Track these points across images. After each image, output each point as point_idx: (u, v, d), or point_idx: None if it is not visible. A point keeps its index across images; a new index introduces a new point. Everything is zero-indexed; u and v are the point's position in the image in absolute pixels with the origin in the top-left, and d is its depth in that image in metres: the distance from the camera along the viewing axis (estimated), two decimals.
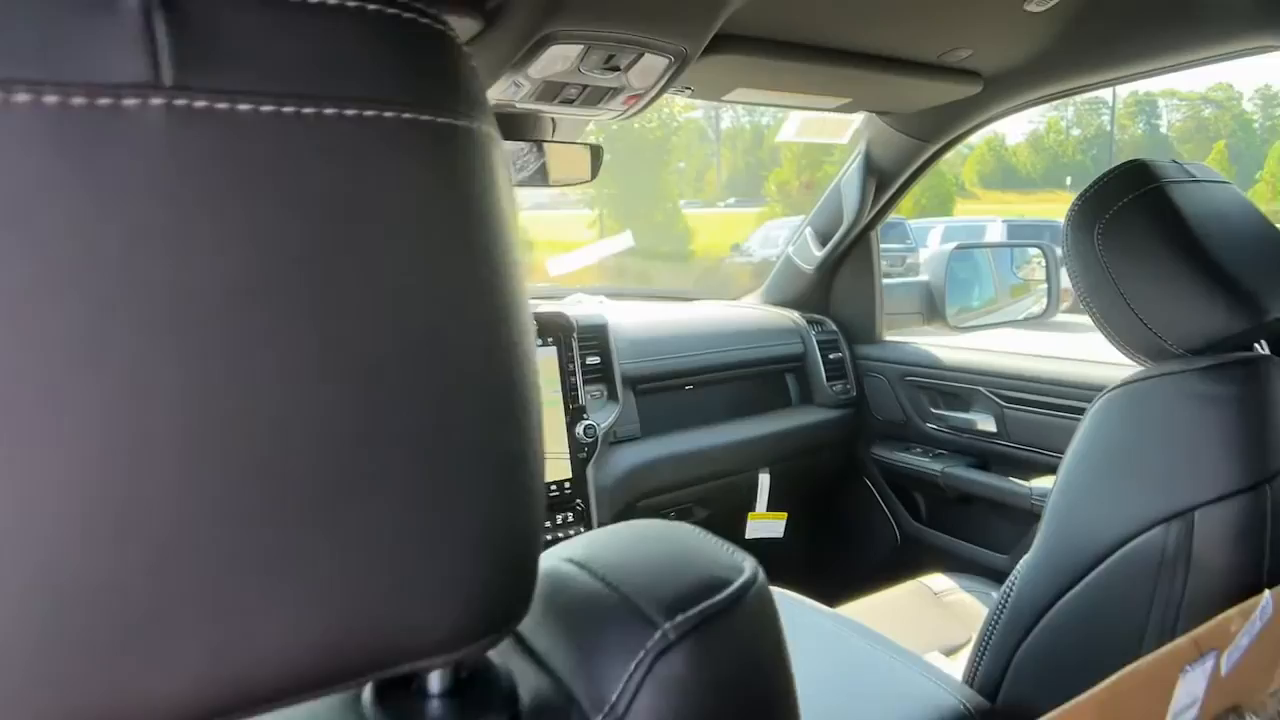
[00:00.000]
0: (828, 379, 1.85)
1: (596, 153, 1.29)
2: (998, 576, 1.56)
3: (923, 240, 12.86)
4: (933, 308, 1.92)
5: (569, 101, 1.10)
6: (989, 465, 1.68)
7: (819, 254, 1.85)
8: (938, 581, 1.54)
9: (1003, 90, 1.38)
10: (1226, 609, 0.69)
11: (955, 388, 1.71)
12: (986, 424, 1.65)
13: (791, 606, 1.02)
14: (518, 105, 1.10)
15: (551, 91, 1.07)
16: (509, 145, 1.23)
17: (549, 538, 1.38)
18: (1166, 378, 0.79)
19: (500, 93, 1.04)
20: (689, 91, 1.24)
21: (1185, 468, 0.75)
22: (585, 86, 1.06)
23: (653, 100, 1.13)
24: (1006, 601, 0.87)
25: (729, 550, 0.39)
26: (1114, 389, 0.82)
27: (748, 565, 0.38)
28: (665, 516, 1.65)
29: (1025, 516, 1.54)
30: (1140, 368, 0.84)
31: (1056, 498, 0.84)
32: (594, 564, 0.37)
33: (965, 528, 1.71)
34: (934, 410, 1.76)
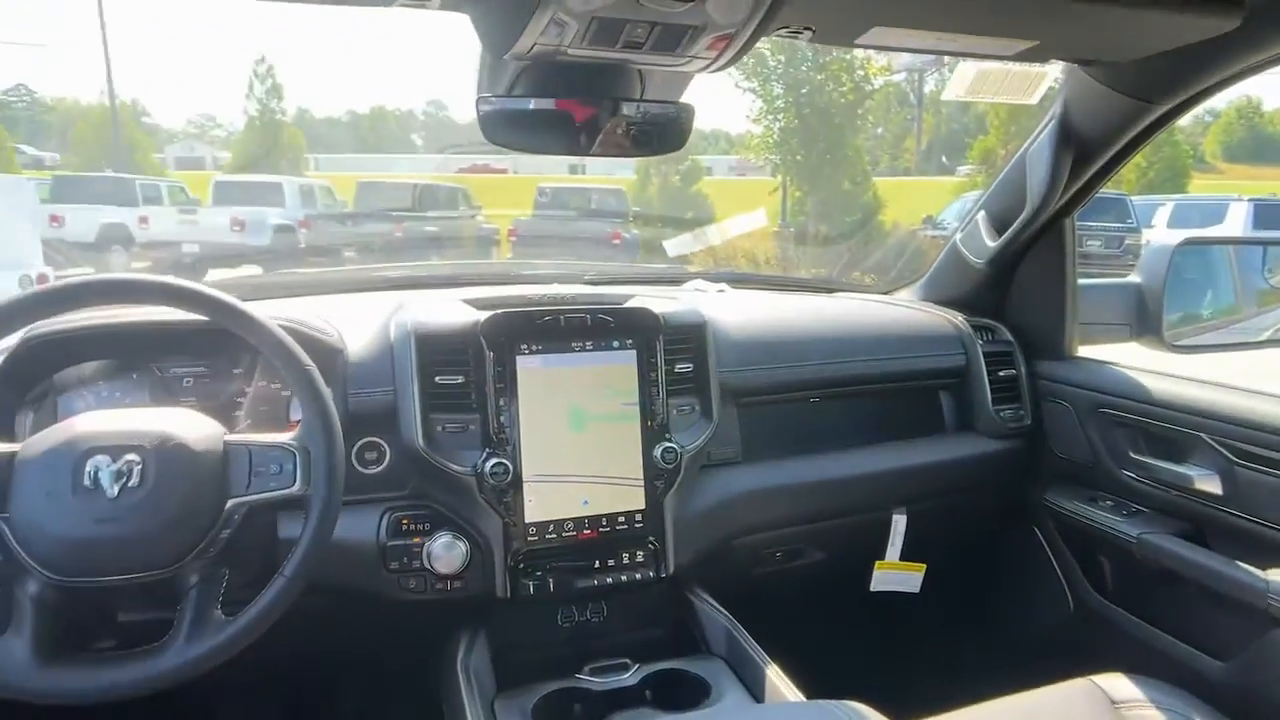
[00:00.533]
0: (994, 402, 1.48)
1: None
2: (1205, 691, 1.16)
3: (1147, 220, 11.35)
4: (1145, 318, 1.50)
5: (636, 46, 0.84)
6: (1206, 538, 1.27)
7: (993, 245, 1.48)
8: (1118, 685, 1.16)
9: (1272, 26, 0.97)
10: None
11: (1167, 429, 1.30)
12: (1208, 483, 1.24)
13: None
14: (571, 52, 0.86)
15: (609, 32, 0.81)
16: None
17: (611, 580, 1.15)
18: None
19: (540, 35, 0.81)
20: (809, 34, 0.94)
21: None
22: (653, 24, 0.80)
23: (750, 44, 0.84)
24: None
25: None
26: None
27: None
28: (769, 557, 1.38)
29: (1258, 618, 1.13)
30: None
31: None
32: None
33: (1167, 614, 1.31)
34: (1134, 455, 1.36)
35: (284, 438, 0.86)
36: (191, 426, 0.84)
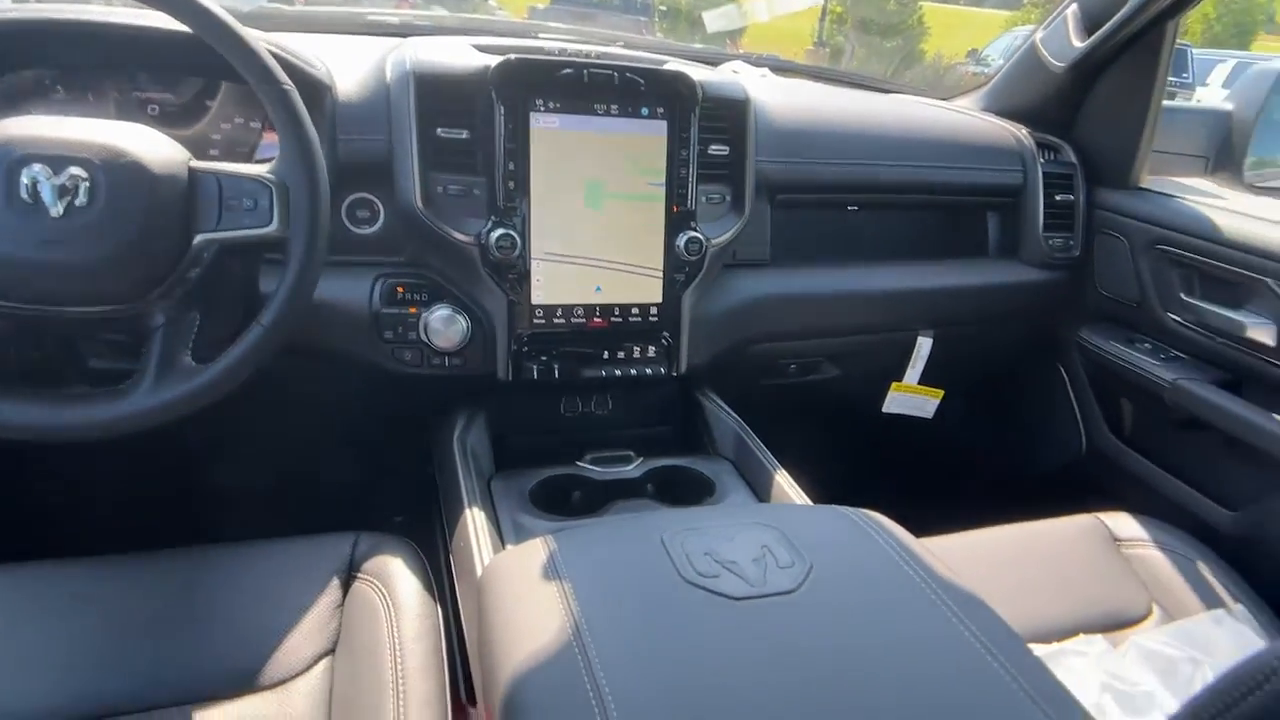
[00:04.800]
0: (1045, 228, 1.36)
1: None
2: (1210, 537, 1.14)
3: (1203, 78, 10.66)
4: (1226, 151, 1.36)
5: None
6: (1243, 389, 1.20)
7: (1079, 46, 1.30)
8: (1122, 524, 1.14)
9: None
10: None
11: (1227, 271, 1.19)
12: (1262, 332, 1.15)
13: (882, 554, 0.69)
14: None
15: None
16: None
17: (620, 372, 1.08)
18: None
19: None
20: None
21: None
22: None
23: None
24: (1264, 683, 0.49)
25: None
26: None
27: None
28: (784, 368, 1.31)
29: (1278, 472, 1.09)
30: None
31: None
32: None
33: (1182, 462, 1.27)
34: (1185, 298, 1.26)
35: (259, 169, 0.75)
36: (149, 145, 0.71)
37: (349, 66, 1.02)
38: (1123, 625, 0.99)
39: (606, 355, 1.07)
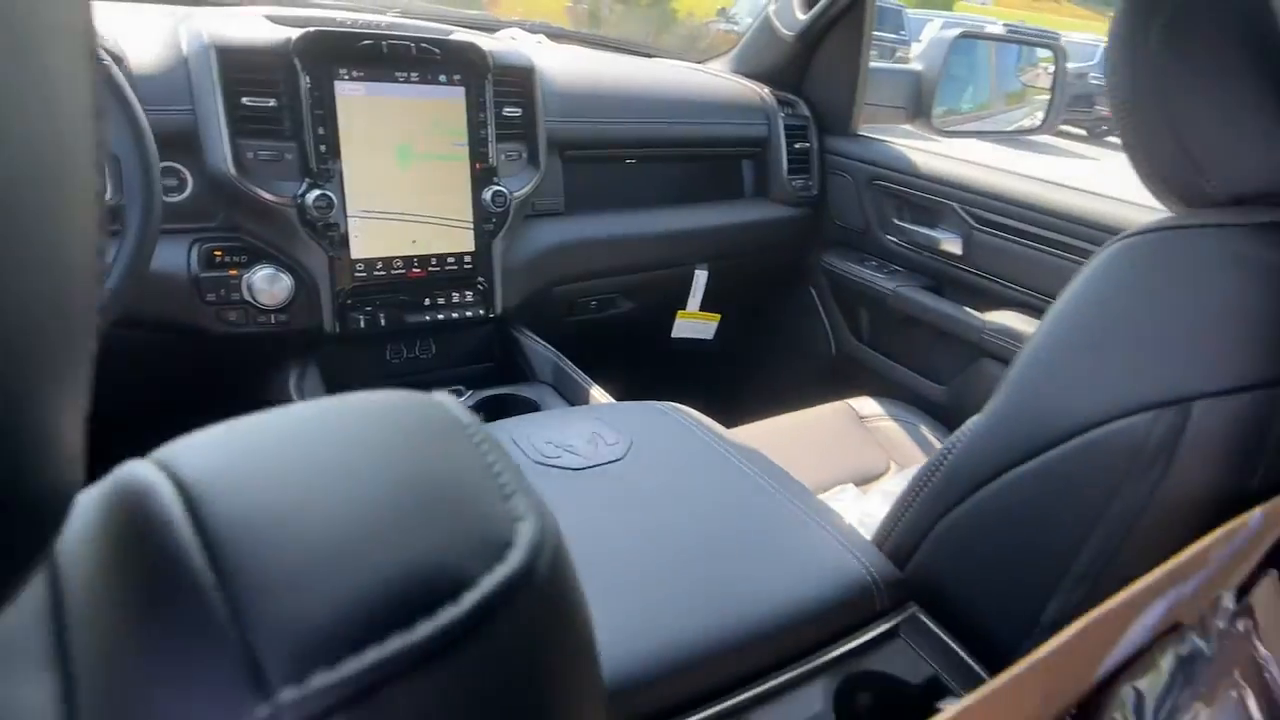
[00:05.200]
0: (789, 172, 1.62)
1: None
2: (929, 407, 1.46)
3: (916, 34, 11.99)
4: (919, 103, 1.67)
5: None
6: (943, 290, 1.53)
7: (803, 18, 1.55)
8: (865, 405, 1.44)
9: None
10: (1193, 521, 0.56)
11: (925, 199, 1.51)
12: (951, 244, 1.47)
13: (686, 431, 0.88)
14: None
15: None
16: None
17: (443, 316, 1.19)
18: (1204, 230, 0.60)
19: None
20: None
21: (1202, 347, 0.58)
22: None
23: None
24: (941, 465, 0.73)
25: (504, 487, 0.21)
26: (1129, 236, 0.64)
27: (526, 531, 0.20)
28: (585, 306, 1.48)
29: (971, 350, 1.41)
30: (1169, 213, 0.66)
31: (1028, 359, 0.68)
32: (214, 501, 0.19)
33: (906, 353, 1.59)
34: (897, 222, 1.57)
35: None
36: None
37: (136, 38, 1.02)
38: (870, 479, 1.27)
39: (428, 302, 1.18)
